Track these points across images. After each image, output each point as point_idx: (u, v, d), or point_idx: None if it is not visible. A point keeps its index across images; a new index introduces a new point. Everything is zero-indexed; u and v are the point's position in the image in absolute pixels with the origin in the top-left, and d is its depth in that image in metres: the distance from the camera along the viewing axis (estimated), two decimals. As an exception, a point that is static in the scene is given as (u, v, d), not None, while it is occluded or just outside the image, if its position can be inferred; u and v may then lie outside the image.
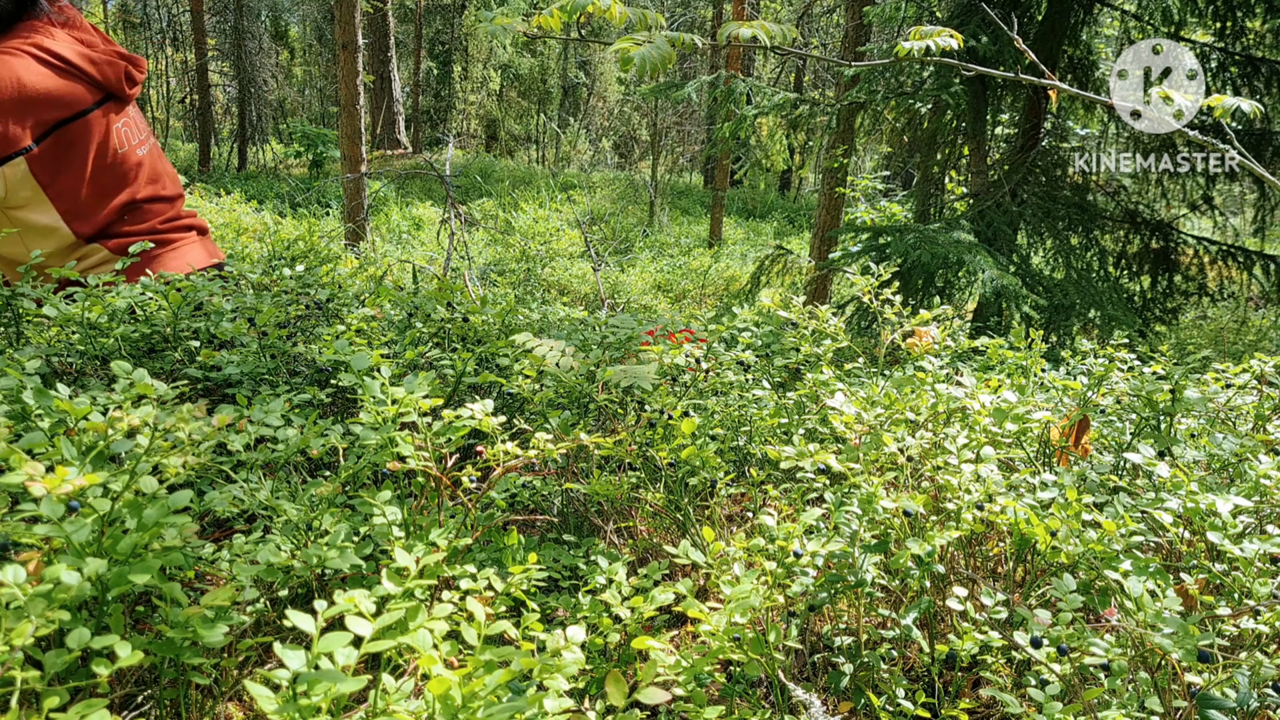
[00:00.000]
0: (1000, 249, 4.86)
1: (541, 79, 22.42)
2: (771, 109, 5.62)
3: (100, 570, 0.76)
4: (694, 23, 22.88)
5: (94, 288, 1.59)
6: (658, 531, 1.53)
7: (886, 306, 1.94)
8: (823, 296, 6.75)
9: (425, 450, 1.10)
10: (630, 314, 1.93)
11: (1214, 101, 1.70)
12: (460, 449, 1.73)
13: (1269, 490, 1.27)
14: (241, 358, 1.59)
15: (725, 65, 13.32)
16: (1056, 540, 1.06)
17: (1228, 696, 0.88)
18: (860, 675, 1.10)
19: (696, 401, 1.63)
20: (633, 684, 0.83)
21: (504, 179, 15.96)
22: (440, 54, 22.85)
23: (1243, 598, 1.06)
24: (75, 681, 0.80)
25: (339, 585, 1.14)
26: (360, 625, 0.69)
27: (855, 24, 6.42)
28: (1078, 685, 1.00)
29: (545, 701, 0.73)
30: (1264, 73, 4.82)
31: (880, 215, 8.20)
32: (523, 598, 1.03)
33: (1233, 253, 5.15)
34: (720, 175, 13.85)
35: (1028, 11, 5.17)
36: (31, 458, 0.85)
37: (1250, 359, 1.82)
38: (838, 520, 1.14)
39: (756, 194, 20.37)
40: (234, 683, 1.02)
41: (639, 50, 1.74)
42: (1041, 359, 1.87)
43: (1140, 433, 1.62)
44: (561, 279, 8.82)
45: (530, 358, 1.59)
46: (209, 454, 0.99)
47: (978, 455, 1.25)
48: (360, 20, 8.16)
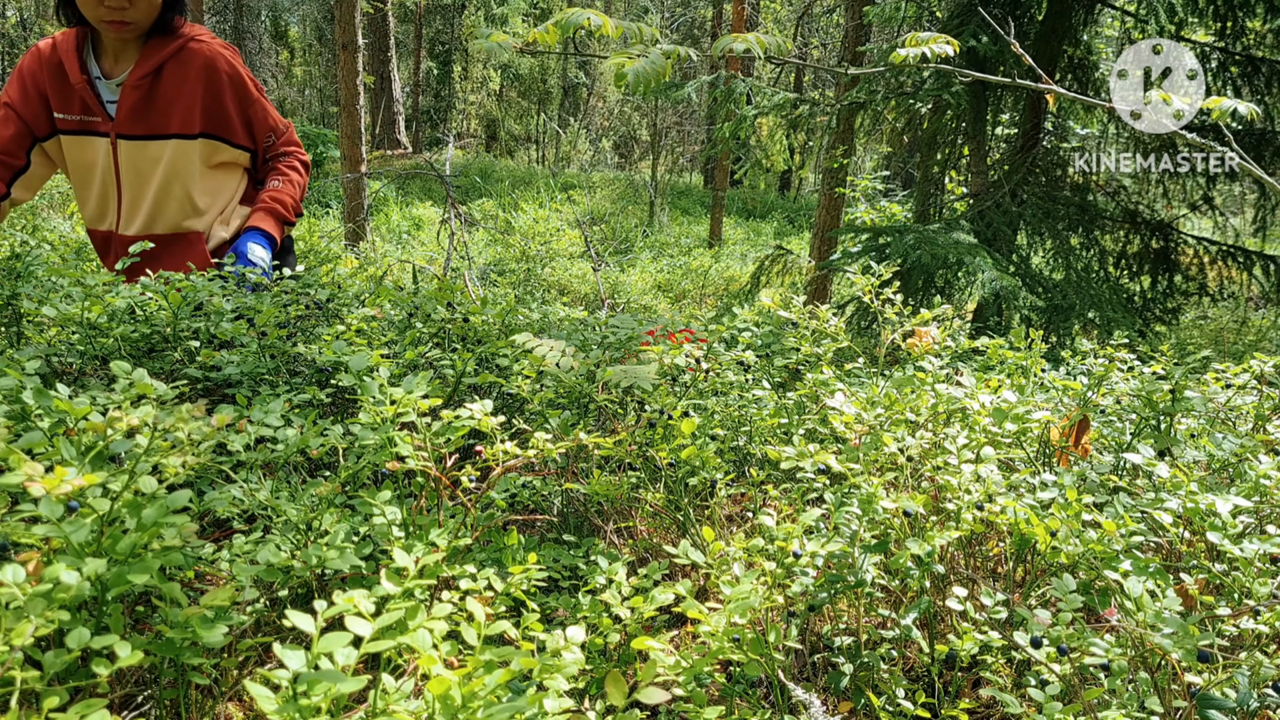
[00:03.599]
0: (1000, 249, 4.86)
1: (541, 79, 22.42)
2: (771, 109, 5.62)
3: (100, 570, 0.76)
4: (694, 23, 22.88)
5: (93, 288, 1.59)
6: (658, 531, 1.53)
7: (887, 306, 1.94)
8: (823, 296, 6.75)
9: (425, 450, 1.10)
10: (630, 314, 1.93)
11: (1212, 103, 1.70)
12: (460, 449, 1.73)
13: (1269, 490, 1.27)
14: (241, 358, 1.59)
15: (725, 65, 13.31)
16: (1056, 540, 1.06)
17: (1228, 696, 0.88)
18: (860, 675, 1.10)
19: (696, 401, 1.63)
20: (633, 684, 0.83)
21: (504, 179, 15.96)
22: (440, 54, 22.84)
23: (1243, 598, 1.06)
24: (75, 681, 0.80)
25: (339, 585, 1.14)
26: (360, 625, 0.69)
27: (855, 24, 6.42)
28: (1078, 685, 1.00)
29: (545, 701, 0.73)
30: (1264, 73, 4.81)
31: (880, 215, 8.20)
32: (523, 598, 1.03)
33: (1233, 253, 5.14)
34: (720, 175, 13.85)
35: (1028, 12, 5.17)
36: (31, 458, 0.85)
37: (1250, 359, 1.82)
38: (837, 520, 1.14)
39: (756, 194, 20.36)
40: (234, 683, 1.02)
41: (633, 65, 1.76)
42: (1041, 359, 1.87)
43: (1140, 433, 1.62)
44: (561, 279, 8.82)
45: (530, 358, 1.59)
46: (209, 454, 0.99)
47: (978, 455, 1.25)
48: (360, 20, 8.16)
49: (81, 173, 2.27)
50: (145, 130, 2.22)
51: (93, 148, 2.24)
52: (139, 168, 2.25)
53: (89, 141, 2.24)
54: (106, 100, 2.21)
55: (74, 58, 2.17)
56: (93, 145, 2.24)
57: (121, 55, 2.20)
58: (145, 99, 2.19)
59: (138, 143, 2.23)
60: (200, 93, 2.22)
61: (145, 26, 2.13)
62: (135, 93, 2.17)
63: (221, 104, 2.26)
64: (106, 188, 2.27)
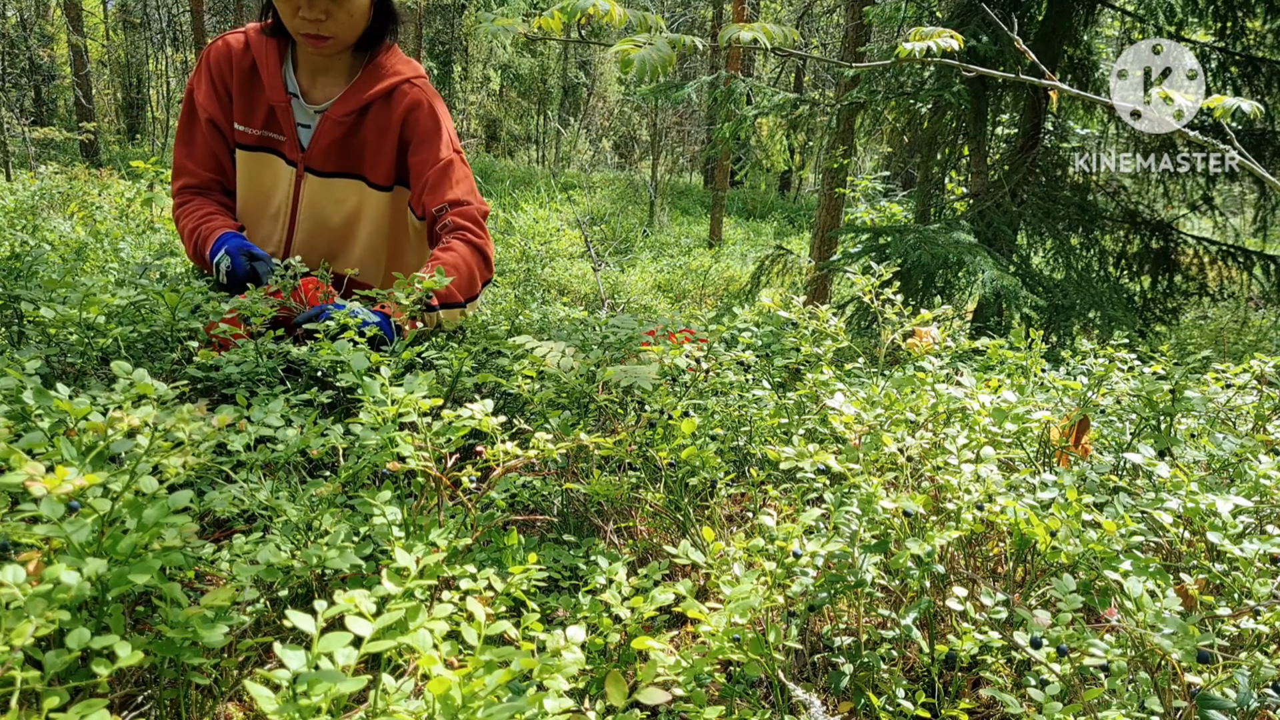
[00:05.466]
0: (1000, 249, 4.86)
1: (541, 79, 22.41)
2: (771, 109, 5.62)
3: (100, 570, 0.76)
4: (694, 23, 22.87)
5: (91, 288, 1.59)
6: (658, 531, 1.53)
7: (887, 306, 1.94)
8: (823, 297, 6.74)
9: (425, 450, 1.10)
10: (630, 314, 1.93)
11: (1214, 102, 1.70)
12: (460, 449, 1.73)
13: (1269, 490, 1.27)
14: (241, 358, 1.59)
15: (725, 65, 13.32)
16: (1056, 540, 1.06)
17: (1228, 696, 0.88)
18: (860, 675, 1.10)
19: (696, 402, 1.63)
20: (633, 684, 0.83)
21: (504, 179, 15.96)
22: (440, 54, 22.83)
23: (1243, 598, 1.06)
24: (75, 681, 0.80)
25: (339, 585, 1.14)
26: (360, 625, 0.69)
27: (855, 24, 6.42)
28: (1078, 685, 1.00)
29: (545, 701, 0.73)
30: (1264, 73, 4.81)
31: (880, 215, 8.20)
32: (523, 598, 1.03)
33: (1233, 253, 5.14)
34: (720, 175, 13.85)
35: (1028, 12, 5.17)
36: (31, 458, 0.85)
37: (1250, 359, 1.82)
38: (837, 520, 1.14)
39: (756, 194, 20.36)
40: (234, 683, 1.02)
41: (639, 52, 1.74)
42: (1041, 359, 1.87)
43: (1140, 433, 1.62)
44: (561, 279, 8.81)
45: (531, 358, 1.59)
46: (209, 454, 0.99)
47: (978, 455, 1.25)
48: (360, 20, 8.13)
49: (254, 195, 2.01)
50: (336, 168, 1.97)
51: (273, 171, 1.99)
52: (320, 206, 1.99)
53: (269, 161, 1.98)
54: (300, 124, 1.97)
55: (275, 68, 1.92)
56: (273, 168, 1.99)
57: (322, 76, 1.97)
58: (344, 137, 1.95)
59: (325, 180, 1.97)
60: (396, 142, 1.98)
61: (347, 42, 1.88)
62: (337, 128, 1.94)
63: (405, 156, 2.00)
64: (280, 218, 2.01)
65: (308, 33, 1.81)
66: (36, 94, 20.11)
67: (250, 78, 1.95)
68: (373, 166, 1.98)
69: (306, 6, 1.77)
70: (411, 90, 1.97)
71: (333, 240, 2.04)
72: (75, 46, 15.78)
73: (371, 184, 2.00)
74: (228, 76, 1.95)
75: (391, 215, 2.05)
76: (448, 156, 1.97)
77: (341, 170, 1.98)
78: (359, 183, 1.99)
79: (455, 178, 1.97)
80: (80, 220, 6.12)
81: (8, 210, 6.05)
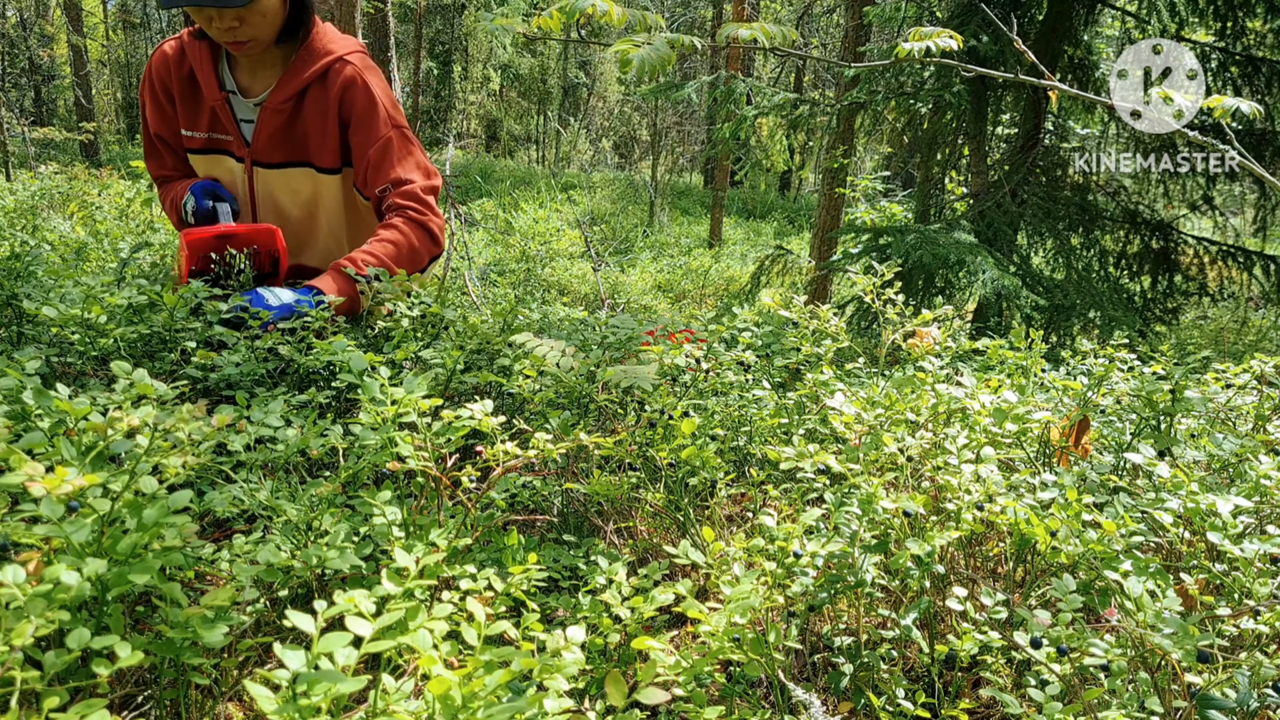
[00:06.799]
0: (1001, 249, 4.86)
1: (541, 79, 22.42)
2: (771, 109, 5.62)
3: (100, 570, 0.76)
4: (694, 23, 22.87)
5: (94, 288, 1.59)
6: (658, 531, 1.53)
7: (888, 306, 1.94)
8: (823, 297, 6.74)
9: (425, 450, 1.10)
10: (630, 314, 1.93)
11: (1213, 102, 1.70)
12: (460, 449, 1.73)
13: (1269, 490, 1.26)
14: (240, 358, 1.59)
15: (725, 65, 13.32)
16: (1056, 540, 1.06)
17: (1228, 696, 0.88)
18: (860, 675, 1.10)
19: (696, 402, 1.63)
20: (633, 684, 0.83)
21: (504, 179, 15.97)
22: (440, 54, 22.84)
23: (1243, 598, 1.06)
24: (75, 681, 0.80)
25: (339, 585, 1.14)
26: (360, 625, 0.69)
27: (855, 24, 6.42)
28: (1078, 685, 1.00)
29: (545, 701, 0.73)
30: (1264, 73, 4.81)
31: (880, 215, 8.20)
32: (523, 598, 1.03)
33: (1233, 253, 5.14)
34: (720, 175, 13.85)
35: (1028, 12, 5.17)
36: (31, 458, 0.85)
37: (1250, 359, 1.82)
38: (838, 520, 1.14)
39: (756, 194, 20.36)
40: (234, 683, 1.02)
41: (638, 52, 1.74)
42: (1042, 359, 1.87)
43: (1140, 433, 1.62)
44: (561, 279, 8.82)
45: (531, 358, 1.59)
46: (209, 454, 0.99)
47: (978, 455, 1.25)
48: (360, 20, 8.16)
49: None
50: (284, 158, 1.99)
51: (226, 170, 2.03)
52: (276, 199, 2.03)
53: (219, 161, 2.03)
54: (241, 119, 1.99)
55: (209, 70, 1.94)
56: (225, 167, 2.03)
57: (259, 70, 1.98)
58: (286, 125, 1.96)
59: (275, 171, 2.00)
60: (337, 122, 1.98)
61: (269, 41, 1.89)
62: (277, 117, 1.95)
63: (346, 136, 2.00)
64: (241, 216, 2.05)
65: (227, 40, 1.84)
66: (36, 94, 20.12)
67: (191, 82, 1.98)
68: (319, 151, 1.99)
69: (217, 18, 1.79)
70: (345, 68, 1.96)
71: (297, 231, 2.08)
72: (75, 46, 15.79)
73: (320, 169, 2.01)
74: (170, 85, 1.99)
75: (345, 197, 2.08)
76: (386, 134, 1.97)
77: (289, 160, 2.00)
78: (308, 170, 2.01)
79: (396, 156, 1.98)
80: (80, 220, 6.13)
81: (8, 210, 6.06)
